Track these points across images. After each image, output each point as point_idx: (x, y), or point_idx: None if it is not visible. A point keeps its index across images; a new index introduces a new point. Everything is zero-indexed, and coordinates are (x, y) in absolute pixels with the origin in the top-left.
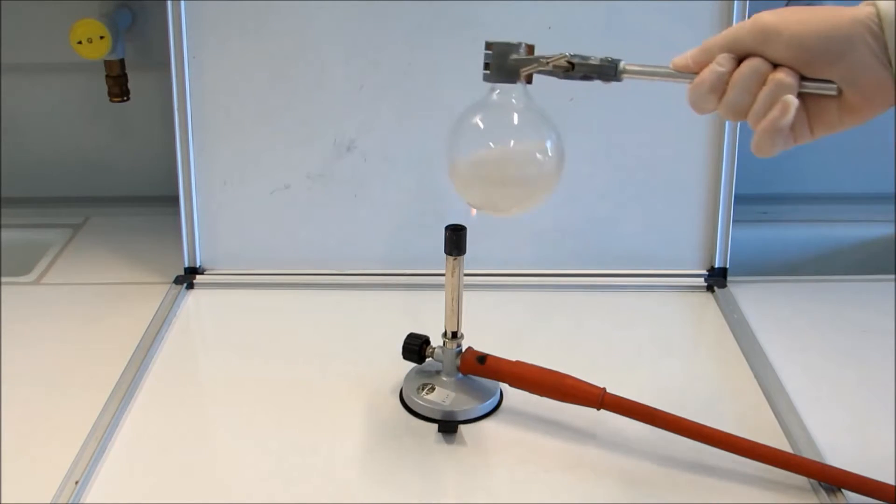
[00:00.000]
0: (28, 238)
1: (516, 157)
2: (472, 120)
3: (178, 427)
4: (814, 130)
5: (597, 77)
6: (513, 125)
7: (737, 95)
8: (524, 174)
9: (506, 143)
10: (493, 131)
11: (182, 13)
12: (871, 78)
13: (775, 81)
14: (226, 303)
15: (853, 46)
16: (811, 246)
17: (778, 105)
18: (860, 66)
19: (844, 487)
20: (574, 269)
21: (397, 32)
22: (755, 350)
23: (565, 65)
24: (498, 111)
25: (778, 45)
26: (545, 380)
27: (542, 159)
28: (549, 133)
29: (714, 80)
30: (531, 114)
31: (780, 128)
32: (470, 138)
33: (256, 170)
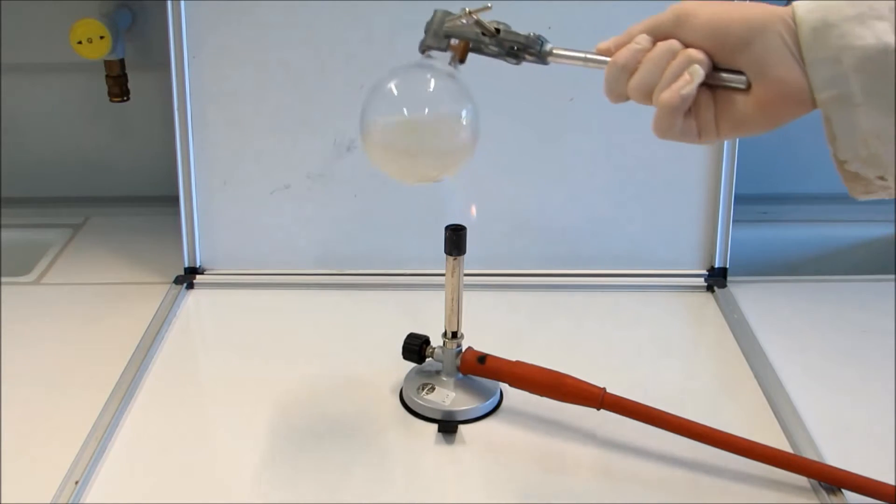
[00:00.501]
0: (28, 238)
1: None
2: (387, 85)
3: (178, 427)
4: (720, 126)
5: (522, 53)
6: (427, 92)
7: (646, 71)
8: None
9: (419, 111)
10: (406, 97)
11: (182, 13)
12: (781, 70)
13: (684, 54)
14: (226, 303)
15: (765, 34)
16: (811, 246)
17: (683, 75)
18: (770, 55)
19: (844, 487)
20: (574, 269)
21: (397, 32)
22: (755, 350)
23: (490, 28)
24: (415, 77)
25: (693, 27)
26: (545, 380)
27: (455, 130)
28: (464, 104)
29: (628, 56)
30: (448, 82)
31: (682, 96)
32: (384, 104)
33: (256, 170)
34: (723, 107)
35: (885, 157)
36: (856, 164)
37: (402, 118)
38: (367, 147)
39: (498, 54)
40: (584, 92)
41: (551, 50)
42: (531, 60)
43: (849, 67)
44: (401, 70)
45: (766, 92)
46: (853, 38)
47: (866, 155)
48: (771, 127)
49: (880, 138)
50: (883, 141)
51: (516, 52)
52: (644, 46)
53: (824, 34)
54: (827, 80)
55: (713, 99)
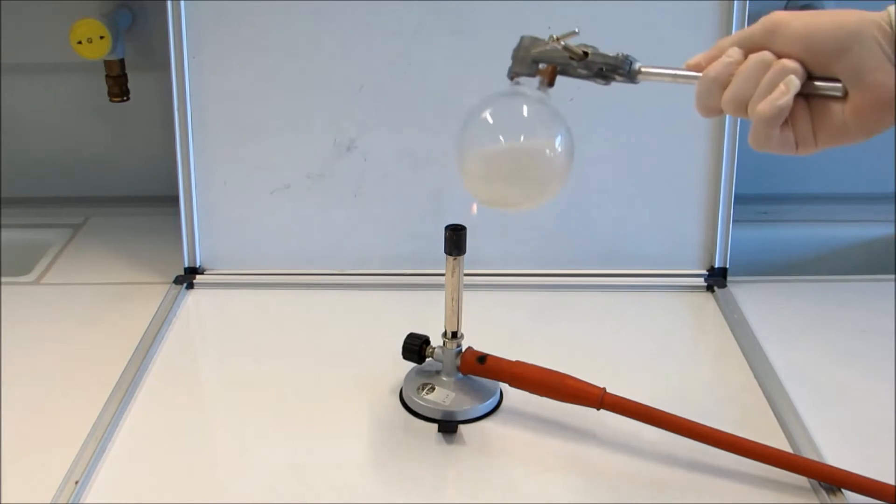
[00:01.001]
0: (28, 238)
1: (525, 152)
2: (481, 114)
3: (178, 427)
4: (817, 136)
5: (611, 73)
6: (522, 119)
7: (740, 84)
8: (532, 170)
9: (515, 139)
10: (502, 126)
11: (182, 13)
12: (878, 75)
13: (779, 65)
14: (226, 303)
15: (861, 40)
16: (811, 246)
17: (779, 86)
18: (867, 61)
19: (844, 487)
20: (574, 269)
21: (397, 32)
22: (755, 350)
23: (578, 52)
24: (509, 105)
25: (786, 37)
26: (545, 380)
27: (550, 155)
28: (559, 129)
29: (720, 70)
30: (541, 108)
31: (779, 107)
32: (479, 133)
33: (256, 170)
34: (820, 116)
35: None
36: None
37: (499, 146)
38: (465, 177)
39: (586, 76)
40: (583, 92)
41: (640, 69)
42: (620, 80)
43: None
44: (493, 98)
45: (863, 98)
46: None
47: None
48: (869, 135)
49: None
50: None
51: (605, 73)
52: (736, 59)
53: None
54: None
55: (809, 109)
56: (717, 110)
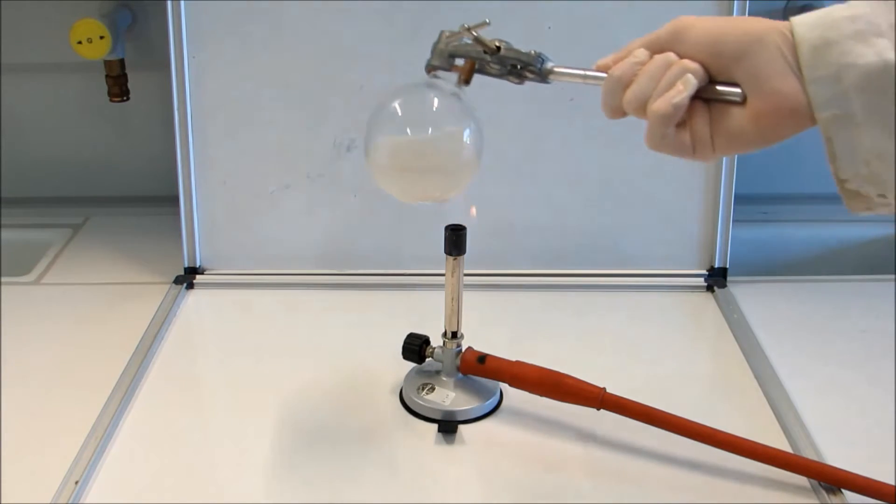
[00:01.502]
0: (28, 238)
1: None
2: (391, 104)
3: (178, 427)
4: (715, 141)
5: (523, 70)
6: (431, 111)
7: (641, 83)
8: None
9: (423, 131)
10: (410, 117)
11: (182, 13)
12: (777, 82)
13: (679, 64)
14: (226, 303)
15: (762, 46)
16: (811, 246)
17: (676, 85)
18: (766, 67)
19: (844, 487)
20: (574, 269)
21: (397, 32)
22: (755, 350)
23: (491, 46)
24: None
25: (690, 40)
26: (545, 380)
27: (458, 149)
28: (467, 122)
29: (625, 69)
30: (452, 101)
31: (674, 105)
32: (388, 123)
33: (256, 170)
34: (718, 121)
35: (886, 175)
36: (856, 183)
37: (405, 138)
38: (371, 166)
39: (501, 74)
40: (584, 92)
41: (552, 68)
42: (532, 79)
43: (850, 86)
44: (404, 89)
45: (762, 104)
46: (854, 56)
47: (867, 173)
48: (767, 142)
49: (881, 158)
50: (884, 160)
51: (518, 71)
52: (641, 60)
53: (824, 52)
54: (827, 99)
55: (709, 113)
56: (620, 110)
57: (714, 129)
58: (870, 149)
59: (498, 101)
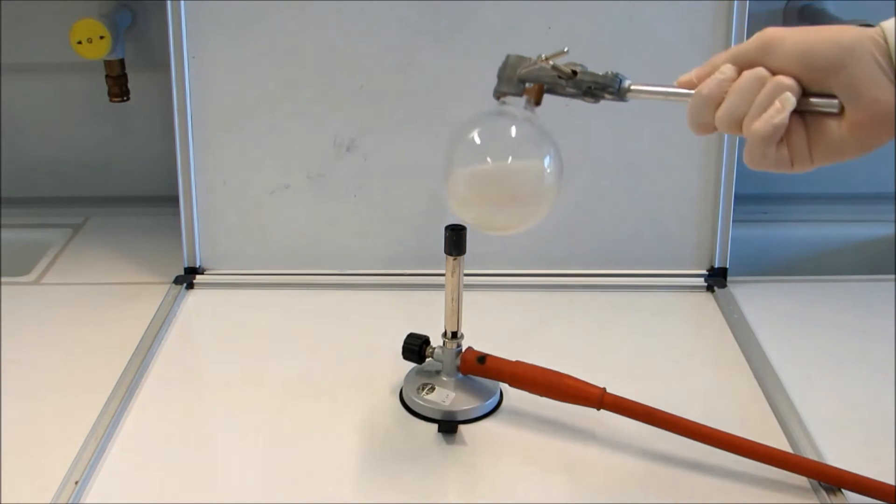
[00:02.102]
0: (28, 238)
1: (513, 174)
2: (468, 135)
3: (178, 427)
4: (813, 153)
5: (600, 92)
6: (509, 140)
7: (734, 101)
8: (520, 193)
9: (503, 160)
10: (489, 147)
11: (182, 13)
12: (875, 91)
13: (774, 82)
14: (226, 303)
15: (856, 56)
16: (811, 246)
17: (774, 104)
18: (863, 77)
19: (844, 487)
20: (574, 269)
21: (397, 32)
22: (755, 350)
23: (567, 72)
24: (496, 125)
25: (780, 53)
26: (545, 380)
27: (539, 177)
28: (547, 149)
29: (713, 87)
30: (529, 128)
31: (774, 125)
32: (466, 154)
33: (256, 170)
34: (815, 133)
35: None
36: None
37: (486, 168)
38: (451, 199)
39: (575, 95)
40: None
41: (629, 87)
42: (610, 99)
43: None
44: (479, 119)
45: (859, 114)
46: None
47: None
48: (865, 151)
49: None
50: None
51: (594, 92)
52: (729, 76)
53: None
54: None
55: (805, 125)
56: (710, 128)
57: (812, 142)
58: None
59: None
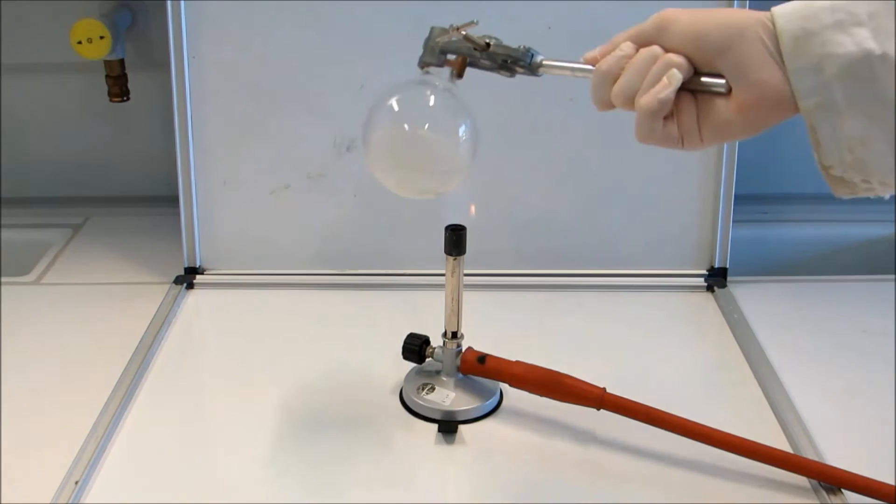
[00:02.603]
0: (28, 238)
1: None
2: (387, 101)
3: (178, 427)
4: (702, 131)
5: (513, 65)
6: (427, 108)
7: (629, 77)
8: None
9: (419, 126)
10: (407, 113)
11: (182, 13)
12: (761, 73)
13: (664, 59)
14: (226, 303)
15: (744, 38)
16: (811, 246)
17: (662, 80)
18: (750, 58)
19: (844, 487)
20: (574, 269)
21: (397, 32)
22: (755, 350)
23: (481, 43)
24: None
25: (674, 33)
26: (545, 380)
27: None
28: (463, 119)
29: (612, 63)
30: (447, 97)
31: (660, 100)
32: (385, 119)
33: (256, 170)
34: (705, 112)
35: (870, 161)
36: (840, 170)
37: (402, 133)
38: (370, 161)
39: (491, 68)
40: (584, 92)
41: (541, 62)
42: (523, 73)
43: (831, 76)
44: (401, 86)
45: (746, 95)
46: (834, 45)
47: (851, 160)
48: (753, 132)
49: (864, 144)
50: (867, 146)
51: (509, 66)
52: (627, 53)
53: (805, 43)
54: (810, 88)
55: (695, 104)
56: (608, 103)
57: (701, 120)
58: (853, 136)
59: (497, 102)
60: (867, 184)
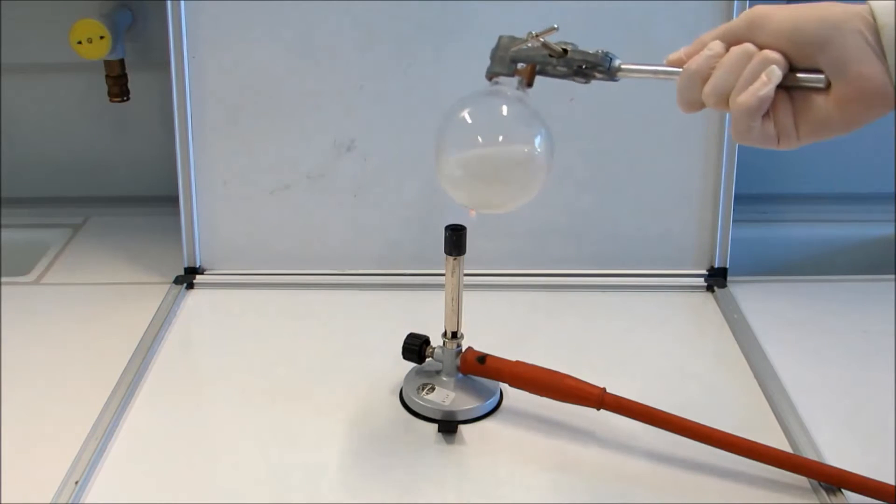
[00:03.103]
0: (28, 238)
1: (504, 153)
2: (459, 114)
3: (178, 427)
4: (800, 129)
5: (590, 71)
6: (501, 119)
7: (721, 75)
8: (511, 172)
9: (493, 139)
10: (480, 126)
11: (182, 13)
12: (862, 66)
13: (761, 56)
14: (226, 303)
15: (843, 32)
16: (811, 246)
17: (760, 77)
18: (850, 52)
19: (844, 487)
20: (574, 269)
21: (397, 32)
22: (755, 350)
23: (558, 50)
24: (487, 105)
25: (768, 30)
26: (545, 380)
27: (530, 156)
28: (538, 129)
29: (702, 63)
30: (520, 107)
31: (760, 97)
32: (457, 132)
33: (256, 170)
34: (802, 109)
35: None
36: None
37: (477, 147)
38: (442, 178)
39: (566, 75)
40: (584, 92)
41: (620, 66)
42: (600, 78)
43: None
44: (471, 99)
45: (846, 90)
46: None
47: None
48: (851, 128)
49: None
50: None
51: (584, 71)
52: (717, 52)
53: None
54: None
55: (791, 102)
56: (698, 104)
57: (798, 118)
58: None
59: None
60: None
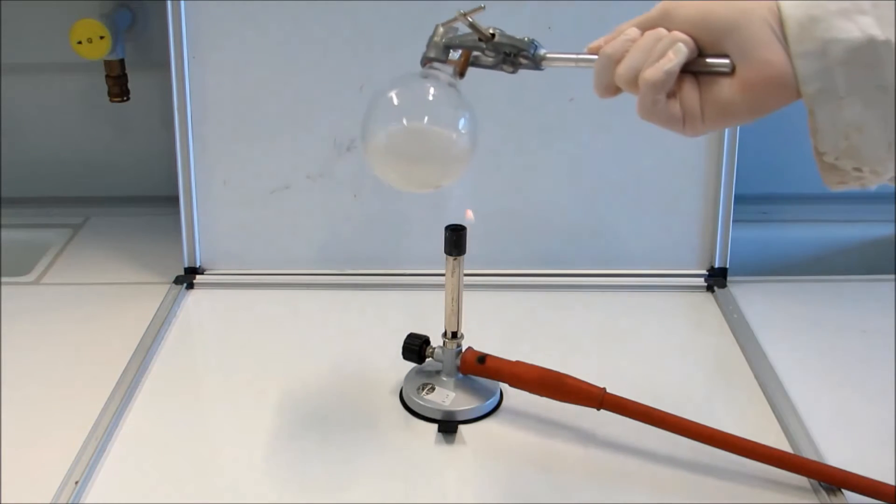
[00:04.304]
0: (28, 238)
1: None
2: (387, 94)
3: (178, 427)
4: (705, 113)
5: (516, 57)
6: (427, 101)
7: (633, 56)
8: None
9: (419, 120)
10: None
11: (182, 13)
12: (766, 52)
13: (670, 36)
14: (226, 303)
15: (750, 18)
16: (811, 246)
17: (667, 54)
18: (755, 37)
19: (844, 487)
20: (574, 269)
21: (397, 32)
22: (755, 350)
23: (486, 33)
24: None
25: (680, 17)
26: (545, 380)
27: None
28: (462, 112)
29: (617, 47)
30: (448, 91)
31: (665, 72)
32: (385, 112)
33: (256, 170)
34: (708, 92)
35: (863, 148)
36: (833, 156)
37: (402, 126)
38: (368, 155)
39: (495, 63)
40: (584, 92)
41: (545, 54)
42: (526, 66)
43: (835, 60)
44: (401, 79)
45: (749, 73)
46: (838, 31)
47: (845, 147)
48: (755, 114)
49: (861, 131)
50: (863, 133)
51: (512, 59)
52: (632, 37)
53: (810, 28)
54: (813, 72)
55: (699, 86)
56: (612, 87)
57: (704, 101)
58: (850, 122)
59: (498, 103)
60: (858, 172)
